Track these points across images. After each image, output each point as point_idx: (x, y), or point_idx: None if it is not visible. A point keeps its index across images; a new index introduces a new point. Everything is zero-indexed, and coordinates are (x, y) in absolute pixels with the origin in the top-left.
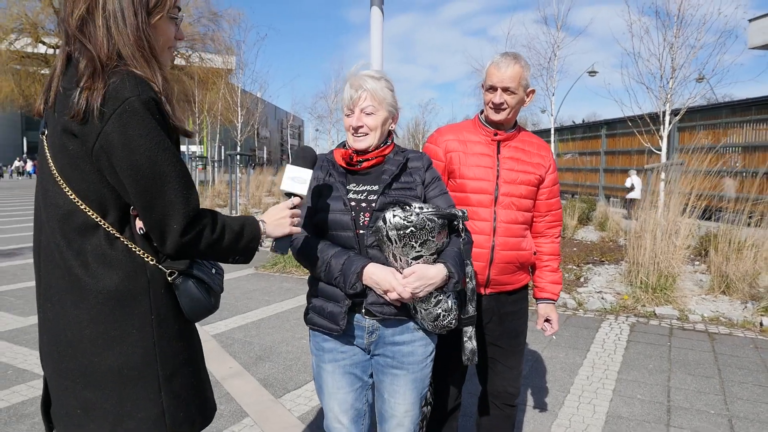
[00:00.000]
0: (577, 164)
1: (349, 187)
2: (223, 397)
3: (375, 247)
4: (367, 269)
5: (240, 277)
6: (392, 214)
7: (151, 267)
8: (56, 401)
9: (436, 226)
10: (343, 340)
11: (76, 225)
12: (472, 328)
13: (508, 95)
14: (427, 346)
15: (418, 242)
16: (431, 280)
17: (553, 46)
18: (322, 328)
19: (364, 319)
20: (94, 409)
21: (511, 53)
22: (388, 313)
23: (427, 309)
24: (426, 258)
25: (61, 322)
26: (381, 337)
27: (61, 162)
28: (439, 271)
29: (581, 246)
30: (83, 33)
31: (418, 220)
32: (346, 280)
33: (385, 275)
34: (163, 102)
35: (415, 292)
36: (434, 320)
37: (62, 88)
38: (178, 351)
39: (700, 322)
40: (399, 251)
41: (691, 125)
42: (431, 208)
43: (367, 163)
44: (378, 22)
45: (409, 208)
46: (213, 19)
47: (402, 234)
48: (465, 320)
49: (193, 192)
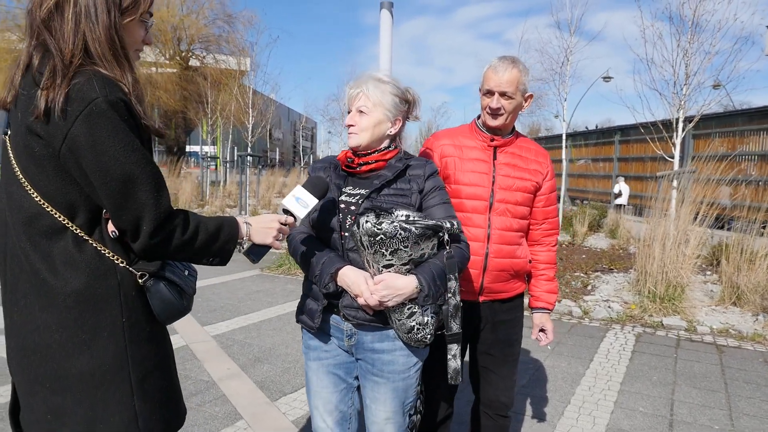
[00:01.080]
0: (590, 170)
1: (345, 190)
2: (218, 399)
3: (355, 251)
4: (342, 271)
5: (245, 278)
6: (365, 220)
7: (121, 269)
8: (26, 407)
9: (411, 236)
10: (325, 340)
11: (42, 228)
12: (457, 346)
13: (506, 100)
14: (409, 357)
15: (388, 251)
16: (399, 290)
17: (566, 51)
18: (303, 324)
19: (342, 322)
20: (66, 414)
21: (509, 57)
22: (362, 318)
23: (400, 320)
24: (397, 267)
25: (29, 327)
26: (360, 342)
27: (25, 163)
28: (409, 283)
29: (590, 253)
30: (48, 27)
31: (389, 228)
32: (322, 278)
33: (356, 279)
34: (133, 102)
35: (383, 300)
36: (408, 332)
37: (25, 84)
38: (150, 354)
39: (709, 333)
40: (371, 257)
41: (706, 133)
42: (417, 218)
43: (366, 167)
44: (387, 25)
45: (386, 215)
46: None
47: (372, 241)
48: (449, 337)
49: (164, 193)
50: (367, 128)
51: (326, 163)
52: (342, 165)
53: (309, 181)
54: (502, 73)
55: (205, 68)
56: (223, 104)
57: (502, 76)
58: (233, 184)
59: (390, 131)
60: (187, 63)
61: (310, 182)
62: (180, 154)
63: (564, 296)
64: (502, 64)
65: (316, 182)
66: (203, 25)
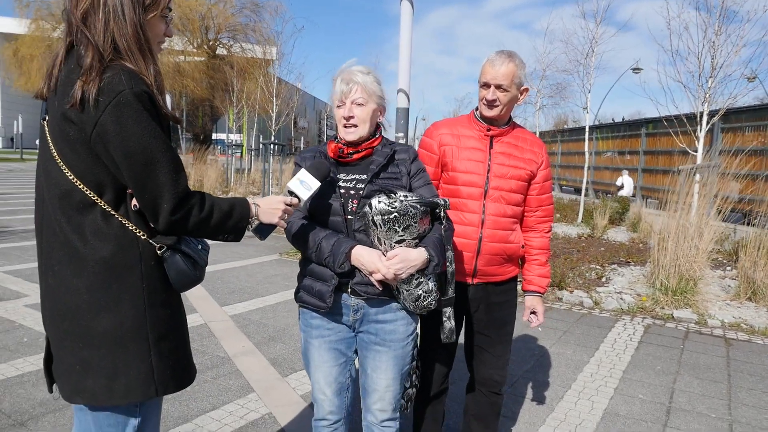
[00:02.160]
0: (615, 163)
1: (339, 176)
2: (232, 373)
3: (362, 232)
4: (355, 250)
5: (264, 262)
6: (378, 201)
7: (142, 241)
8: (57, 359)
9: (418, 213)
10: (329, 318)
11: (74, 203)
12: (451, 308)
13: (501, 92)
14: (408, 325)
15: (401, 227)
16: (413, 262)
17: (591, 42)
18: (310, 305)
19: (350, 298)
20: (92, 367)
21: (506, 51)
22: (372, 293)
23: (408, 290)
24: (408, 242)
25: (62, 290)
26: (365, 315)
27: (61, 146)
28: (420, 255)
29: (609, 246)
30: (86, 25)
31: (401, 206)
32: (336, 259)
33: (371, 257)
34: (155, 93)
35: (397, 273)
36: (415, 300)
37: (63, 76)
38: (165, 317)
39: (719, 327)
40: (383, 235)
41: (736, 126)
42: (415, 197)
43: (357, 155)
44: (408, 16)
45: (394, 195)
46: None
47: (386, 219)
48: (444, 301)
49: (182, 175)
50: (365, 119)
51: (314, 152)
52: (333, 156)
53: (312, 165)
54: (498, 67)
55: (232, 57)
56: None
57: (498, 69)
58: (257, 171)
59: (380, 118)
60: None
61: (313, 166)
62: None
63: (576, 287)
64: (498, 58)
65: (318, 166)
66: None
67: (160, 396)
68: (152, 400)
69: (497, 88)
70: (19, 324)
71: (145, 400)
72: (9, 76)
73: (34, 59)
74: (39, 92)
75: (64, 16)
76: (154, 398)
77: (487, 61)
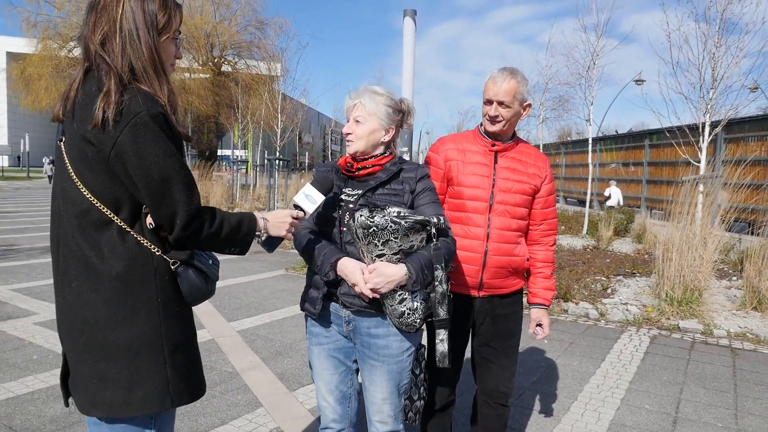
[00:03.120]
0: (620, 174)
1: (345, 190)
2: (240, 388)
3: (351, 244)
4: (341, 261)
5: (270, 277)
6: (359, 214)
7: (157, 257)
8: (74, 372)
9: (401, 229)
10: (326, 326)
11: (92, 220)
12: (445, 331)
13: (503, 108)
14: (402, 342)
15: (380, 241)
16: (390, 277)
17: (593, 55)
18: (306, 312)
19: (341, 309)
20: (109, 379)
21: (509, 68)
22: (359, 305)
23: (392, 305)
24: (389, 257)
25: (79, 304)
26: (357, 328)
27: (78, 166)
28: (399, 270)
29: (614, 257)
30: (105, 50)
31: (380, 221)
32: (323, 268)
33: (353, 268)
34: (169, 113)
35: (375, 287)
36: (399, 317)
37: (82, 99)
38: (179, 330)
39: (725, 337)
40: (365, 248)
41: (740, 136)
42: (407, 214)
43: (364, 171)
44: (410, 32)
45: (381, 210)
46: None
47: (366, 232)
48: (437, 323)
49: (195, 192)
50: (362, 136)
51: (328, 167)
52: (342, 169)
53: (316, 180)
54: (500, 84)
55: (237, 74)
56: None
57: (500, 86)
58: (263, 187)
59: (384, 138)
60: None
61: (317, 180)
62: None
63: (582, 299)
64: (500, 75)
65: (322, 180)
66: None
67: (175, 407)
68: (167, 411)
69: (500, 105)
70: (28, 342)
71: (161, 410)
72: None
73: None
74: (56, 115)
75: (81, 42)
76: (169, 409)
77: (489, 78)
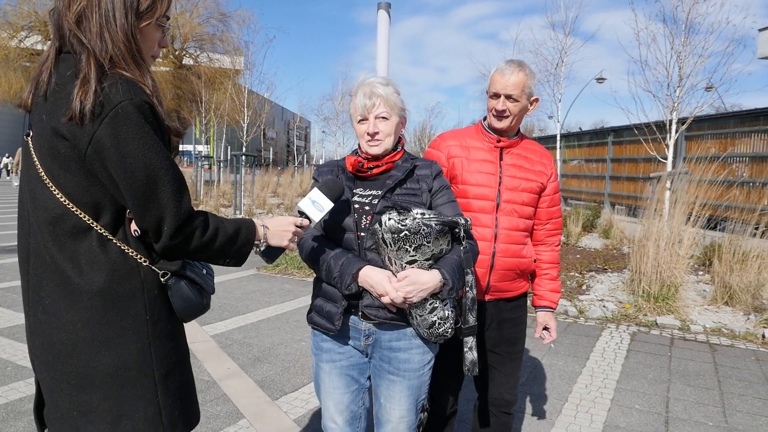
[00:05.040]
0: (583, 171)
1: (356, 191)
2: (219, 398)
3: (373, 250)
4: (363, 271)
5: (241, 278)
6: (388, 217)
7: (144, 268)
8: (50, 403)
9: (433, 232)
10: (340, 341)
11: (67, 228)
12: (473, 338)
13: (511, 103)
14: (424, 354)
15: (412, 246)
16: (424, 285)
17: (561, 53)
18: (320, 327)
19: (360, 322)
20: (91, 411)
21: (516, 61)
22: (383, 317)
23: (422, 315)
24: (421, 263)
25: (55, 325)
26: (377, 341)
27: (50, 164)
28: (433, 277)
29: (584, 253)
30: (81, 29)
31: (412, 224)
32: (343, 280)
33: (379, 278)
34: (156, 104)
35: (407, 296)
36: (429, 327)
37: (54, 86)
38: (171, 351)
39: (702, 332)
40: (393, 254)
41: (698, 134)
42: (432, 215)
43: (377, 170)
44: (385, 25)
45: (407, 212)
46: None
47: (396, 237)
48: (465, 330)
49: (185, 194)
50: (390, 133)
51: (332, 167)
52: (352, 170)
53: (325, 184)
54: (508, 77)
55: (199, 67)
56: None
57: (509, 79)
58: (227, 183)
59: (402, 131)
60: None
61: (326, 185)
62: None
63: None
64: (509, 68)
65: (332, 186)
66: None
67: None
68: None
69: (507, 98)
70: None
71: None
72: None
73: None
74: (23, 102)
75: (52, 18)
76: None
77: (496, 70)
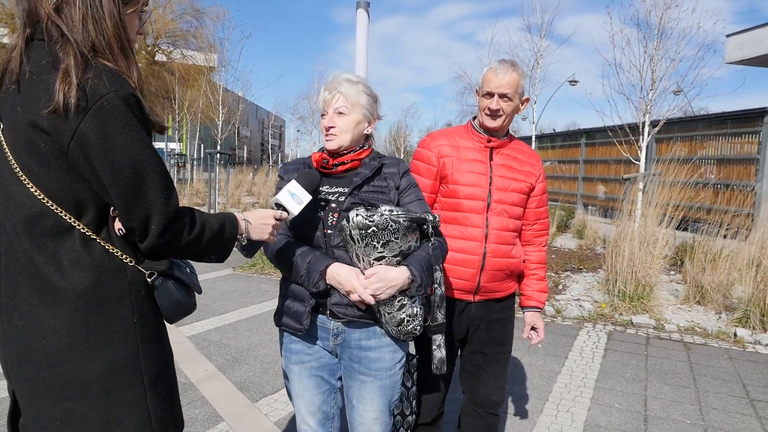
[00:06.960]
0: (556, 172)
1: (322, 188)
2: (197, 401)
3: (341, 248)
4: (331, 268)
5: (217, 277)
6: (355, 214)
7: (131, 269)
8: (29, 414)
9: (401, 228)
10: (309, 342)
11: (47, 228)
12: (442, 336)
13: (505, 102)
14: (395, 352)
15: (380, 243)
16: (392, 282)
17: (536, 54)
18: (288, 327)
19: (328, 321)
20: (77, 420)
21: (509, 60)
22: (352, 314)
23: (390, 313)
24: (389, 260)
25: (34, 332)
26: (347, 341)
27: (26, 160)
28: (401, 274)
29: (559, 253)
30: (61, 17)
31: (380, 220)
32: (310, 278)
33: (347, 275)
34: (141, 97)
35: (376, 293)
36: (398, 325)
37: (29, 76)
38: (159, 353)
39: (676, 331)
40: (361, 251)
41: (668, 137)
42: (401, 211)
43: (342, 167)
44: (364, 24)
45: (375, 209)
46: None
47: (364, 234)
48: (434, 328)
49: (173, 191)
50: (347, 129)
51: (298, 164)
52: (317, 166)
53: (302, 176)
54: (502, 76)
55: (172, 64)
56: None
57: (503, 78)
58: (200, 182)
59: (367, 130)
60: (153, 58)
61: (303, 177)
62: None
63: None
64: (502, 67)
65: (308, 177)
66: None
67: None
68: None
69: (501, 98)
70: None
71: None
72: None
73: None
74: None
75: (21, 4)
76: None
77: (489, 69)
